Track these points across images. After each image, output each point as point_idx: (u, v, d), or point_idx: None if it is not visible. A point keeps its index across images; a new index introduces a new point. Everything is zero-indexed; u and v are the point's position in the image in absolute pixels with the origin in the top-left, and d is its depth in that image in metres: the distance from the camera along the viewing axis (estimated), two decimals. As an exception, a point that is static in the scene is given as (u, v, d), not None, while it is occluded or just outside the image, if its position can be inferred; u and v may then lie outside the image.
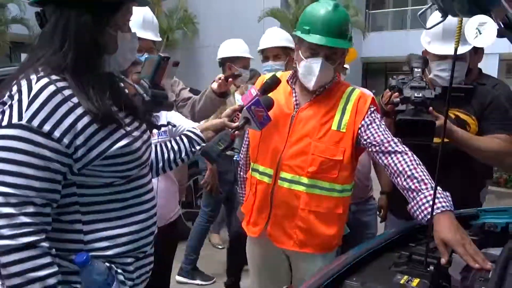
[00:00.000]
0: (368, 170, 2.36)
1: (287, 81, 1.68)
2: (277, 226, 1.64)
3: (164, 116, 1.89)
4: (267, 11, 13.16)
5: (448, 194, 1.34)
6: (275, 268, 1.75)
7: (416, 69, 1.69)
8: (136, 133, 1.15)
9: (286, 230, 1.63)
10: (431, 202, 1.27)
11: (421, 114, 1.55)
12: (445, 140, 1.69)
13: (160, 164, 1.43)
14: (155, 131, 1.81)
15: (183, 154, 1.46)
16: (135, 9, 1.17)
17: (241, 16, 13.48)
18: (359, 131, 1.56)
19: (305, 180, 1.57)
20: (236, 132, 1.50)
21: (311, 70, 1.56)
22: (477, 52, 1.91)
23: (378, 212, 2.53)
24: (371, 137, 1.52)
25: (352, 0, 13.32)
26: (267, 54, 2.61)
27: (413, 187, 1.38)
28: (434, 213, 1.27)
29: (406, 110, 1.57)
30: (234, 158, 2.78)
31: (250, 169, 1.75)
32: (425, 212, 1.32)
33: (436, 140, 1.69)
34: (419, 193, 1.36)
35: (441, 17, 1.03)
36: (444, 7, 0.99)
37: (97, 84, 1.07)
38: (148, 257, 1.22)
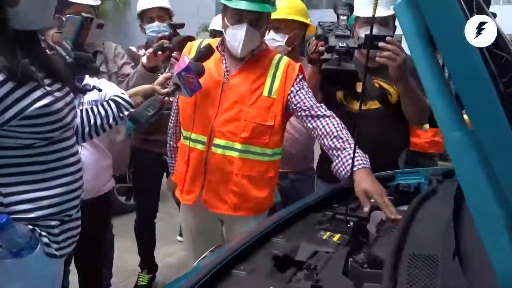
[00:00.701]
0: (309, 142, 2.41)
1: (217, 48, 1.68)
2: (211, 192, 1.66)
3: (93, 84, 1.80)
4: (203, -17, 12.79)
5: (367, 156, 1.48)
6: (210, 233, 1.79)
7: (342, 17, 1.72)
8: (58, 94, 1.10)
9: (220, 196, 1.66)
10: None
11: (344, 64, 1.59)
12: (397, 86, 1.82)
13: (87, 129, 1.38)
14: (85, 100, 1.74)
15: (111, 120, 1.42)
16: None
17: (177, -12, 12.93)
18: (289, 97, 1.62)
19: (238, 146, 1.60)
20: (166, 98, 1.49)
21: (236, 37, 1.56)
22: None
23: None
24: (301, 103, 1.60)
25: (288, -22, 13.32)
26: (151, 15, 2.50)
27: (338, 146, 1.51)
28: (355, 169, 1.40)
29: (332, 59, 1.60)
30: None
31: (182, 138, 1.74)
32: (348, 168, 1.45)
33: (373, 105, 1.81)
34: (343, 151, 1.49)
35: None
36: None
37: (4, 41, 0.99)
38: (75, 221, 1.20)
